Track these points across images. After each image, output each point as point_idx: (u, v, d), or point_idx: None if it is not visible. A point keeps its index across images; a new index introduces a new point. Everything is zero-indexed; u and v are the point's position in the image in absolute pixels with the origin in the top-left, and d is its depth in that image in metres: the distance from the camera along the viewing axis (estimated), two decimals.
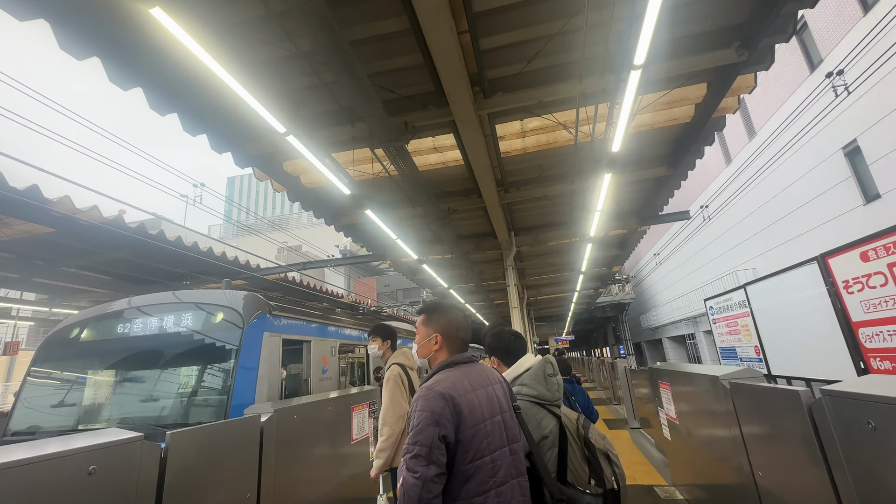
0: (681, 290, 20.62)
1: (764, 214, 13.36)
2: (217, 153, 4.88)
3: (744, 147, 14.01)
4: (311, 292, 11.33)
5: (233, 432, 2.35)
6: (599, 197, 5.61)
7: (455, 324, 1.45)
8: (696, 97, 4.85)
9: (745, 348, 8.67)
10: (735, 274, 14.61)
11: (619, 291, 27.00)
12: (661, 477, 4.51)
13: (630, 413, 7.53)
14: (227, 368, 3.82)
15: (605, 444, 1.59)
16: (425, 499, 1.11)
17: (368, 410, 4.16)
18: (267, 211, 62.83)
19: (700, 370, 3.01)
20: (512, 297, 8.34)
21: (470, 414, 1.21)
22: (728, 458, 2.58)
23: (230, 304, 4.15)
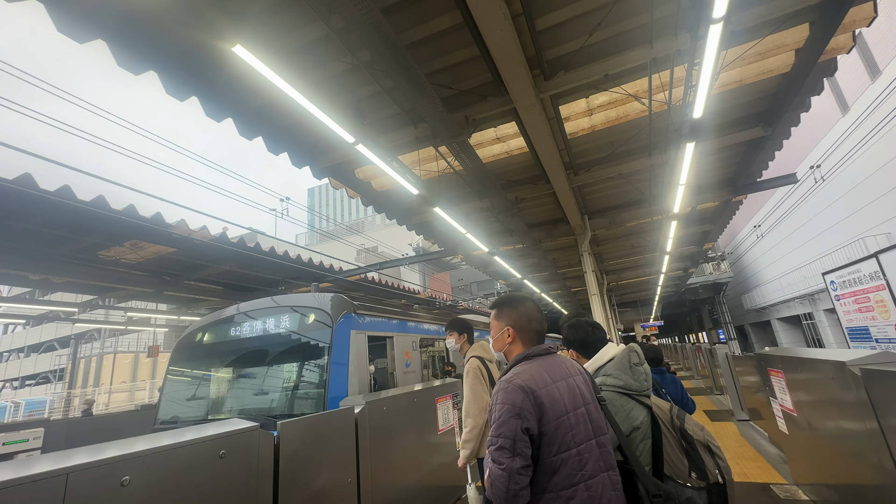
0: (791, 265, 18.06)
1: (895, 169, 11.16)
2: (297, 168, 5.33)
3: (865, 91, 11.80)
4: (390, 290, 11.91)
5: (332, 422, 2.58)
6: (682, 169, 5.12)
7: (526, 316, 1.43)
8: (797, 41, 4.19)
9: (883, 327, 7.39)
10: (863, 241, 12.44)
11: (714, 270, 24.41)
12: (779, 474, 4.03)
13: (736, 404, 6.81)
14: (321, 364, 4.18)
15: (704, 435, 1.47)
16: (513, 490, 1.11)
17: (452, 402, 4.28)
18: (345, 217, 67.10)
19: (820, 355, 2.63)
20: (590, 283, 7.98)
21: (552, 406, 1.20)
22: (864, 455, 2.23)
23: (319, 305, 4.52)
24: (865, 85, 11.83)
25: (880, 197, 12.03)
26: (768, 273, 21.25)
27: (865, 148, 11.69)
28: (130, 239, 6.44)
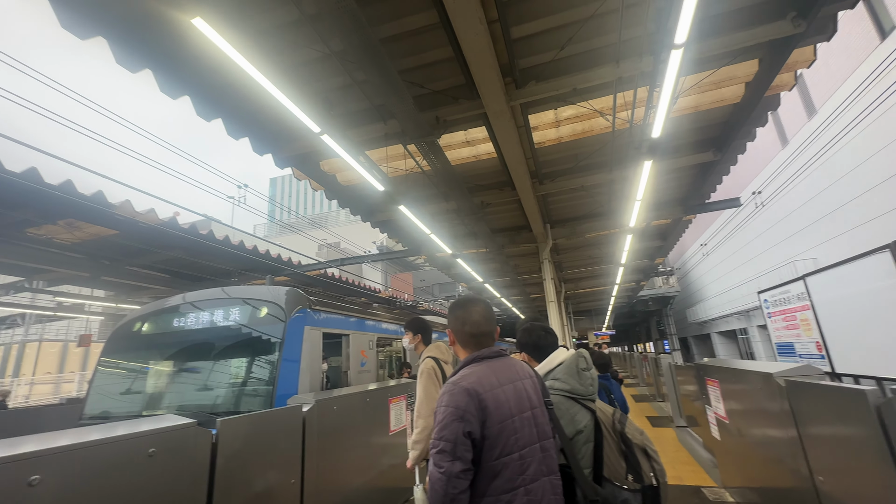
0: (731, 283, 19.43)
1: (826, 200, 12.29)
2: (258, 155, 5.11)
3: (802, 127, 12.93)
4: (350, 287, 11.66)
5: (277, 421, 2.47)
6: (639, 186, 5.37)
7: (462, 319, 1.43)
8: (747, 75, 4.52)
9: (805, 344, 8.06)
10: (793, 264, 13.58)
11: (663, 284, 25.84)
12: (710, 478, 4.30)
13: (675, 411, 7.21)
14: (271, 360, 4.01)
15: (642, 439, 1.53)
16: (451, 494, 1.11)
17: (406, 402, 4.24)
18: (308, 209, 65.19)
19: (751, 367, 2.83)
20: (549, 290, 8.19)
21: (496, 409, 1.20)
22: (784, 461, 2.42)
23: (273, 298, 4.35)
24: (803, 122, 12.95)
25: (810, 225, 13.19)
26: (711, 289, 22.72)
27: (800, 180, 12.79)
28: (66, 217, 5.91)
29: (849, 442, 1.74)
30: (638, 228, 7.44)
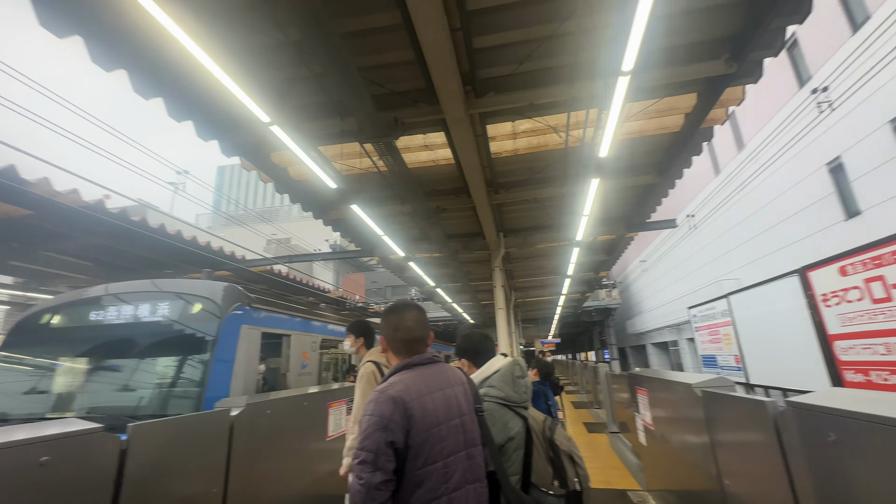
0: (666, 298, 20.87)
1: (749, 226, 13.58)
2: (203, 141, 4.80)
3: (732, 158, 14.22)
4: (297, 286, 11.21)
5: (201, 426, 2.31)
6: (587, 202, 5.64)
7: (392, 325, 1.42)
8: (686, 107, 4.89)
9: (726, 357, 8.82)
10: (720, 283, 14.84)
11: (606, 296, 27.24)
12: (636, 482, 4.55)
13: (610, 417, 7.59)
14: (202, 360, 3.76)
15: (569, 445, 1.59)
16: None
17: (346, 407, 4.12)
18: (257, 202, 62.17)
19: (675, 377, 3.03)
20: (498, 298, 8.35)
21: (422, 418, 1.19)
22: (698, 466, 2.61)
23: (208, 294, 4.08)
24: (733, 154, 14.24)
25: (735, 248, 14.49)
26: (648, 303, 24.27)
27: (728, 206, 14.04)
28: None
29: (751, 448, 1.90)
30: (585, 242, 7.80)
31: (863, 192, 9.18)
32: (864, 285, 4.80)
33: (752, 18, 3.61)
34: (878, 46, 7.41)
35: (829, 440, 1.35)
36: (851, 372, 5.11)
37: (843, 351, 5.25)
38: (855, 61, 7.77)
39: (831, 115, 9.34)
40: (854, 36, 8.90)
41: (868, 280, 4.75)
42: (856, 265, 4.92)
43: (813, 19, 9.79)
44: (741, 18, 3.71)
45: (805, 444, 1.49)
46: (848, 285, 5.07)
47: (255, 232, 13.67)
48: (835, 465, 1.36)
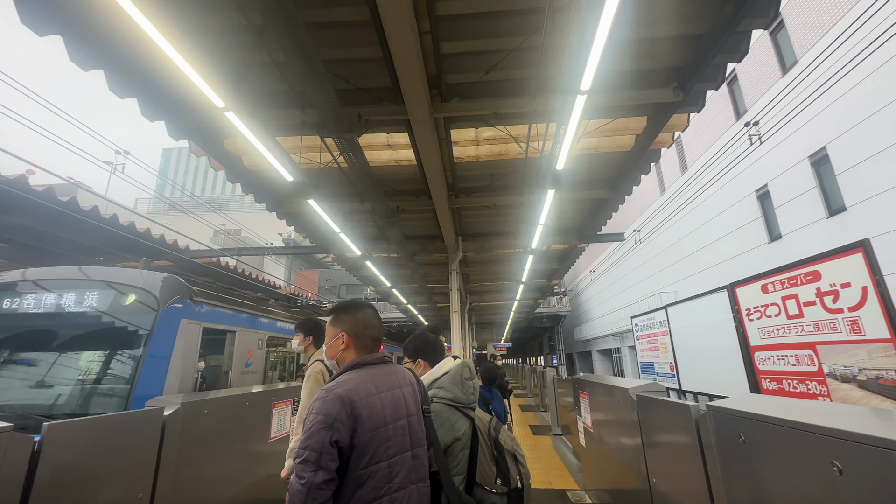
0: (612, 307, 22.00)
1: (688, 243, 14.65)
2: (149, 121, 4.48)
3: (676, 179, 15.29)
4: (246, 280, 10.70)
5: (128, 426, 2.15)
6: (543, 211, 5.84)
7: (363, 322, 1.41)
8: (637, 128, 5.21)
9: (662, 364, 9.41)
10: (659, 295, 15.85)
11: (557, 303, 28.26)
12: (575, 482, 4.75)
13: (554, 420, 7.87)
14: (133, 355, 3.49)
15: (513, 444, 1.65)
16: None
17: (292, 407, 3.99)
18: (206, 190, 58.61)
19: (614, 382, 3.21)
20: (454, 301, 8.42)
21: (369, 418, 1.19)
22: (630, 465, 2.78)
23: (145, 285, 3.81)
24: (677, 175, 15.31)
25: (675, 263, 15.55)
26: (595, 312, 25.45)
27: (670, 224, 15.05)
28: None
29: (676, 448, 2.06)
30: (539, 250, 8.06)
31: (784, 218, 10.19)
32: (782, 302, 5.31)
33: (698, 53, 3.92)
34: (801, 89, 8.28)
35: (740, 441, 1.50)
36: (767, 380, 5.63)
37: (761, 361, 5.78)
38: (783, 100, 8.63)
39: (761, 147, 10.31)
40: (783, 77, 9.89)
41: (785, 298, 5.26)
42: (775, 284, 5.43)
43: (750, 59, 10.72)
44: (689, 52, 4.02)
45: (720, 444, 1.64)
46: (768, 302, 5.59)
47: (202, 221, 12.88)
48: (745, 464, 1.50)
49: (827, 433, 1.13)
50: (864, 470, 1.02)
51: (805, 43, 9.26)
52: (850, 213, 8.37)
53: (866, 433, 1.02)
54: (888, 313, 3.81)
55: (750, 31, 3.79)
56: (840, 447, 1.08)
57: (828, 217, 8.96)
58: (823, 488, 1.14)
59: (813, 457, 1.17)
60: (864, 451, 1.01)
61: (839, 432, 1.09)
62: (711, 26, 3.69)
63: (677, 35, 3.85)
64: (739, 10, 3.33)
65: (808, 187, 9.37)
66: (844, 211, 8.50)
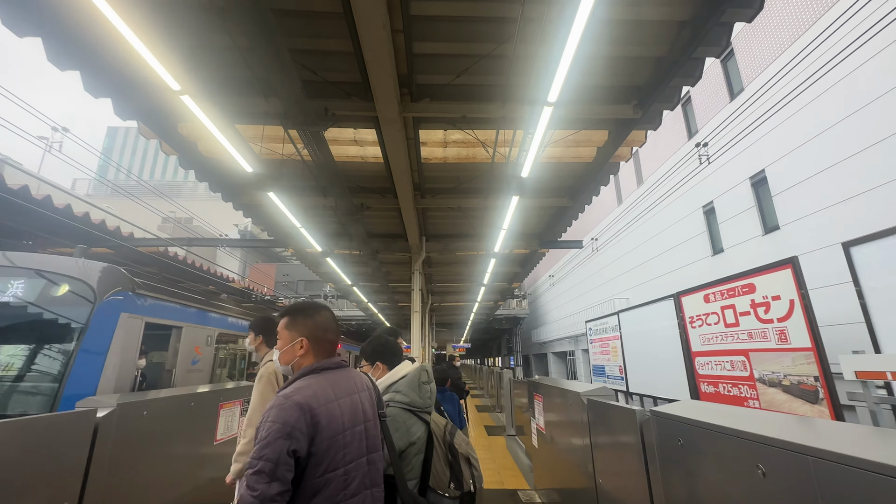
0: (568, 311, 22.77)
1: (641, 252, 15.43)
2: (93, 97, 4.14)
3: (633, 192, 16.06)
4: (196, 272, 10.13)
5: (53, 428, 1.98)
6: (507, 216, 5.95)
7: (323, 326, 1.37)
8: (599, 141, 5.42)
9: (612, 367, 9.85)
10: (612, 301, 16.58)
11: (517, 306, 28.86)
12: (526, 482, 4.87)
13: (509, 421, 8.04)
14: (63, 351, 3.22)
15: (467, 448, 1.67)
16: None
17: (241, 408, 3.83)
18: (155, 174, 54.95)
19: (567, 386, 3.32)
20: (415, 300, 8.40)
21: (328, 425, 1.16)
22: (579, 466, 2.89)
23: (80, 274, 3.52)
24: (634, 188, 16.08)
25: (628, 271, 16.33)
26: (552, 315, 26.24)
27: (626, 234, 15.79)
28: None
29: (621, 450, 2.16)
30: (501, 254, 8.21)
31: (726, 233, 10.96)
32: (721, 311, 5.72)
33: (657, 74, 4.14)
34: (745, 115, 8.96)
35: (679, 444, 1.60)
36: (706, 384, 6.04)
37: (701, 366, 6.19)
38: (730, 124, 9.30)
39: (709, 166, 11.04)
40: (731, 102, 10.65)
41: (723, 307, 5.67)
42: (716, 294, 5.84)
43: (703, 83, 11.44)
44: (649, 73, 4.23)
45: (661, 446, 1.74)
46: (709, 311, 5.99)
47: (149, 208, 12.05)
48: (682, 466, 1.60)
49: (754, 439, 1.23)
50: (784, 473, 1.11)
51: (751, 72, 10.02)
52: (782, 231, 9.14)
53: (787, 439, 1.11)
54: (810, 324, 4.19)
55: (704, 57, 4.04)
56: (765, 452, 1.18)
57: (763, 234, 9.74)
58: (749, 489, 1.24)
59: (741, 460, 1.27)
60: (785, 455, 1.11)
61: (764, 438, 1.19)
62: (670, 50, 3.92)
63: (639, 56, 4.04)
64: (695, 37, 3.56)
65: (748, 206, 10.14)
66: (778, 229, 9.28)
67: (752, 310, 5.08)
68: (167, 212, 16.83)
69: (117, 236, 7.86)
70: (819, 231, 8.15)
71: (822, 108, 8.14)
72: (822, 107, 8.14)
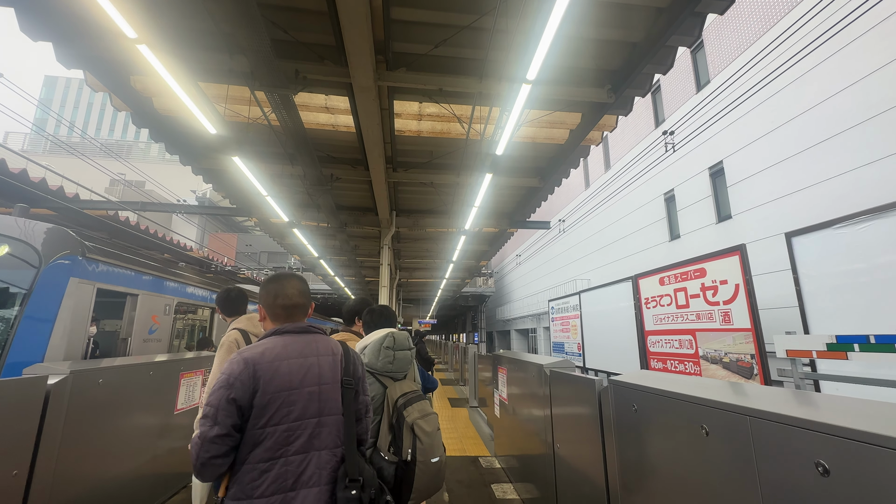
0: (532, 290, 23.45)
1: (605, 235, 16.00)
2: (30, 39, 3.73)
3: (600, 176, 16.48)
4: (150, 239, 9.59)
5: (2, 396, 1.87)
6: (479, 194, 5.98)
7: (273, 293, 1.43)
8: (572, 123, 5.50)
9: (571, 344, 10.32)
10: (575, 282, 17.21)
11: (483, 284, 29.39)
12: (487, 450, 5.11)
13: (472, 393, 8.32)
14: (5, 317, 3.01)
15: (418, 419, 1.70)
16: (202, 457, 1.14)
17: (203, 378, 3.75)
18: (102, 131, 50.64)
19: (531, 359, 3.48)
20: (384, 275, 8.37)
21: (270, 380, 1.22)
22: (538, 434, 3.06)
23: (23, 236, 3.26)
24: (601, 172, 16.50)
25: (591, 253, 16.92)
26: (517, 294, 26.95)
27: (591, 217, 16.27)
28: None
29: (579, 418, 2.31)
30: (471, 232, 8.28)
31: (683, 220, 11.54)
32: (674, 294, 6.09)
33: (632, 60, 4.21)
34: (709, 107, 9.32)
35: (633, 409, 1.73)
36: (655, 360, 6.47)
37: (652, 344, 6.61)
38: (694, 115, 9.65)
39: (672, 155, 11.47)
40: (697, 94, 11.02)
41: (676, 290, 6.03)
42: (670, 277, 6.20)
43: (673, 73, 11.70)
44: (624, 58, 4.30)
45: (617, 413, 1.88)
46: (663, 293, 6.36)
47: (96, 167, 11.13)
48: (634, 430, 1.75)
49: (699, 402, 1.35)
50: (725, 431, 1.24)
51: (718, 66, 10.37)
52: (734, 220, 9.73)
53: (728, 402, 1.24)
54: (752, 307, 4.56)
55: (676, 46, 4.15)
56: (708, 413, 1.31)
57: (717, 223, 10.34)
58: (694, 447, 1.37)
59: (687, 421, 1.40)
60: (726, 416, 1.24)
61: (708, 401, 1.32)
62: (645, 36, 3.98)
63: (616, 40, 4.09)
64: (670, 25, 3.63)
65: (705, 195, 10.68)
66: (730, 218, 9.86)
67: (701, 293, 5.44)
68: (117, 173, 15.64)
69: (60, 196, 7.28)
70: (766, 221, 8.74)
71: (776, 106, 8.59)
72: (776, 104, 8.59)
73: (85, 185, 8.69)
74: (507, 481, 3.94)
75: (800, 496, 1.00)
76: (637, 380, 1.78)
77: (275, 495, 1.16)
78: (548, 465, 2.79)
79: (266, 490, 1.15)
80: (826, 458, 0.94)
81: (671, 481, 1.48)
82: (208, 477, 1.17)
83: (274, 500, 1.15)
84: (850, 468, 0.89)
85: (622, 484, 1.82)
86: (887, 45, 6.63)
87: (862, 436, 0.87)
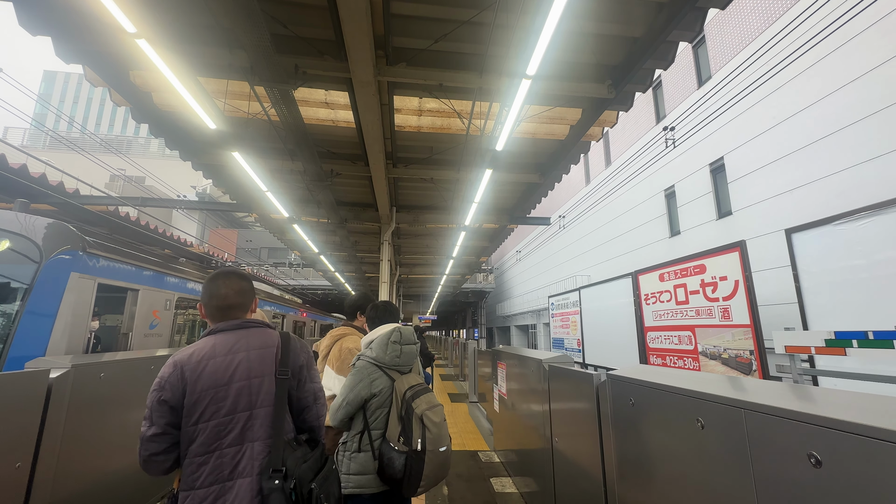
0: (533, 286, 23.46)
1: (605, 231, 15.98)
2: (30, 34, 3.73)
3: (601, 172, 16.45)
4: (150, 234, 9.60)
5: (3, 388, 1.89)
6: (479, 190, 5.98)
7: (208, 293, 1.47)
8: (573, 119, 5.49)
9: (571, 340, 10.35)
10: (575, 278, 17.22)
11: (483, 280, 29.41)
12: (486, 444, 5.14)
13: (472, 388, 8.36)
14: (6, 312, 3.02)
15: (426, 411, 1.76)
16: (143, 455, 1.25)
17: None
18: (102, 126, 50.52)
19: (530, 354, 3.49)
20: (384, 271, 8.39)
21: (197, 380, 1.28)
22: (537, 428, 3.08)
23: (24, 231, 3.27)
24: (602, 168, 16.46)
25: (591, 249, 16.92)
26: (517, 290, 26.97)
27: (592, 213, 16.25)
28: None
29: (578, 412, 2.33)
30: (471, 227, 8.28)
31: (684, 217, 11.53)
32: (673, 290, 6.10)
33: (633, 55, 4.20)
34: (710, 103, 9.28)
35: (630, 403, 1.75)
36: (654, 356, 6.49)
37: (651, 339, 6.62)
38: (695, 111, 9.61)
39: (673, 150, 11.44)
40: (698, 89, 10.97)
41: (676, 286, 6.04)
42: (670, 274, 6.20)
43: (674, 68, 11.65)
44: (625, 53, 4.28)
45: (615, 407, 1.89)
46: (663, 289, 6.37)
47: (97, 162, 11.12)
48: (631, 423, 1.76)
49: (695, 395, 1.37)
50: (720, 424, 1.26)
51: (719, 61, 10.32)
52: (734, 216, 9.72)
53: (723, 395, 1.25)
54: (751, 303, 4.56)
55: (678, 41, 4.13)
56: (704, 406, 1.32)
57: (717, 219, 10.32)
58: (689, 440, 1.38)
59: (683, 414, 1.41)
60: (721, 409, 1.25)
61: (703, 394, 1.33)
62: (646, 31, 3.97)
63: (617, 35, 4.07)
64: (671, 20, 3.62)
65: (706, 191, 10.66)
66: (731, 215, 9.85)
67: (701, 289, 5.45)
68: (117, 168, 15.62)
69: (61, 192, 7.29)
70: (766, 218, 8.73)
71: (778, 102, 8.56)
72: (778, 101, 8.56)
73: (85, 180, 8.68)
74: (506, 475, 3.97)
75: (793, 487, 1.01)
76: (634, 374, 1.79)
77: (213, 485, 1.24)
78: (546, 459, 2.81)
79: (204, 481, 1.24)
80: (818, 450, 0.95)
81: (667, 474, 1.50)
82: (153, 472, 1.28)
83: (212, 490, 1.23)
84: (841, 459, 0.90)
85: (619, 477, 1.83)
86: (888, 42, 6.60)
87: (853, 427, 0.88)
